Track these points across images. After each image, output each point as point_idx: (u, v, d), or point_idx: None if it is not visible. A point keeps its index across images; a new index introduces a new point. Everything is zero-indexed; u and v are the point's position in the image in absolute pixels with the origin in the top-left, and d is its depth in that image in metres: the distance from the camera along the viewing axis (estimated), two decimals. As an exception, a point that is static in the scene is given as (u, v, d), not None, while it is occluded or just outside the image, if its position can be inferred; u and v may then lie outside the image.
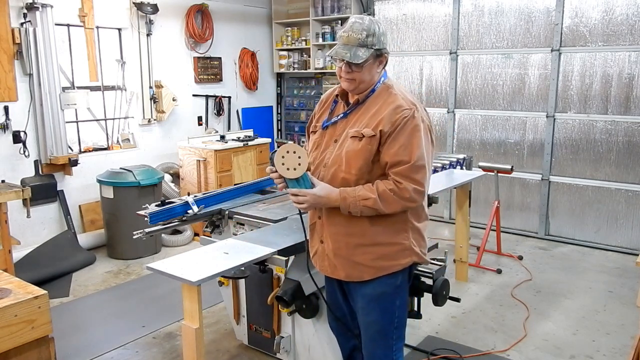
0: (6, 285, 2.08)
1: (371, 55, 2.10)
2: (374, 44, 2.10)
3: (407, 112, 2.07)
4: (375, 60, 2.14)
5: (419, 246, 2.25)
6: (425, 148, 2.10)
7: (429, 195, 3.60)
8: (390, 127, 2.06)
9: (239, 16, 6.97)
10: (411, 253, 2.21)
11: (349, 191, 2.09)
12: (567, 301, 4.21)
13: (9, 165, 4.88)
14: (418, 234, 2.24)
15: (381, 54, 2.14)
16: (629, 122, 5.18)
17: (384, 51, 2.15)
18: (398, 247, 2.18)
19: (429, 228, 2.36)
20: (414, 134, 2.06)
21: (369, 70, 2.13)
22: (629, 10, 5.03)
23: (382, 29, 2.14)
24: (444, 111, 6.34)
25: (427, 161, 2.11)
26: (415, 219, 2.22)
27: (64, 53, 5.34)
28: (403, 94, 2.15)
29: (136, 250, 5.14)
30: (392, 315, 2.27)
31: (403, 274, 2.24)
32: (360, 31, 2.08)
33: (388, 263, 2.18)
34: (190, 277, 2.33)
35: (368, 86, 2.17)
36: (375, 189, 2.07)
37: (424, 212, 2.28)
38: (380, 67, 2.18)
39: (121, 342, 3.60)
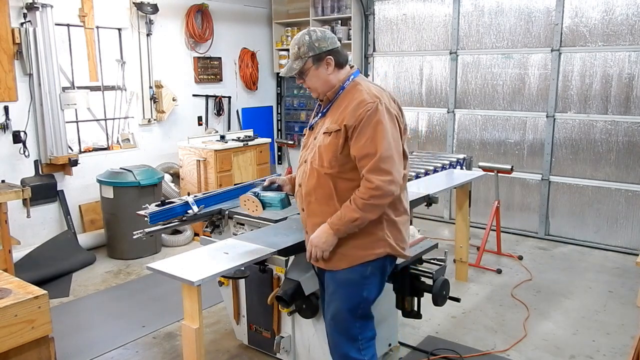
0: (6, 285, 2.08)
1: (307, 63, 2.29)
2: (306, 53, 2.29)
3: (370, 105, 2.17)
4: (319, 65, 2.30)
5: (395, 239, 2.31)
6: (393, 137, 2.18)
7: (429, 195, 3.63)
8: (355, 121, 2.17)
9: (239, 16, 6.96)
10: (385, 244, 2.28)
11: (336, 221, 2.22)
12: (567, 301, 4.21)
13: (9, 165, 4.88)
14: (394, 227, 2.31)
15: (322, 57, 2.29)
16: (629, 122, 5.18)
17: (324, 54, 2.29)
18: (372, 237, 2.26)
19: (429, 228, 2.38)
20: (378, 126, 2.15)
21: (316, 77, 2.32)
22: (629, 10, 5.03)
23: (317, 35, 2.30)
24: (444, 111, 6.34)
25: (396, 149, 2.19)
26: (392, 212, 2.30)
27: (64, 53, 5.34)
28: (368, 89, 2.25)
29: (136, 250, 5.14)
30: (355, 304, 2.33)
31: (374, 265, 2.30)
32: (293, 46, 2.34)
33: (363, 252, 2.27)
34: (190, 277, 2.33)
35: (330, 88, 2.33)
36: (356, 206, 2.18)
37: (401, 206, 2.34)
38: (330, 68, 2.30)
39: (121, 342, 3.60)
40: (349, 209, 2.19)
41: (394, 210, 2.30)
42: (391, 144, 2.16)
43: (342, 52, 2.36)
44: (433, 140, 6.48)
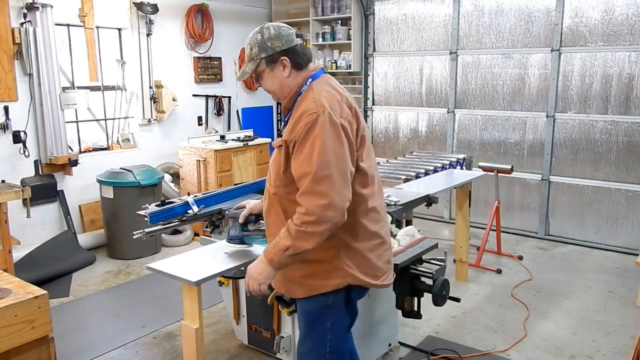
0: (6, 285, 2.08)
1: (260, 65, 2.05)
2: (258, 54, 2.05)
3: (310, 117, 1.88)
4: (273, 67, 2.05)
5: (358, 267, 2.02)
6: (335, 153, 1.86)
7: (429, 195, 3.62)
8: (294, 135, 1.91)
9: (239, 16, 6.96)
10: (344, 275, 2.01)
11: (270, 249, 1.97)
12: (567, 301, 4.21)
13: (9, 165, 4.88)
14: (356, 254, 2.02)
15: (275, 58, 2.04)
16: (629, 122, 5.19)
17: (278, 55, 2.03)
18: (328, 266, 2.01)
19: (429, 228, 2.34)
20: (315, 141, 1.85)
21: (271, 79, 2.07)
22: (629, 10, 5.03)
23: (270, 34, 2.04)
24: (444, 111, 6.34)
25: (338, 168, 1.86)
26: (351, 238, 2.01)
27: (64, 53, 5.34)
28: (319, 95, 1.96)
29: (136, 250, 5.14)
30: (322, 336, 2.10)
31: (336, 295, 2.05)
32: (247, 46, 2.10)
33: (319, 282, 2.02)
34: (190, 277, 2.34)
35: (288, 92, 2.07)
36: (288, 233, 1.90)
37: (364, 230, 2.03)
38: (287, 70, 2.04)
39: (121, 342, 3.60)
40: (281, 236, 1.92)
41: (352, 235, 2.01)
42: (330, 162, 1.84)
43: (302, 51, 2.08)
44: (433, 140, 6.48)
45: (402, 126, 6.74)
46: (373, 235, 2.06)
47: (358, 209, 2.00)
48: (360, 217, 2.01)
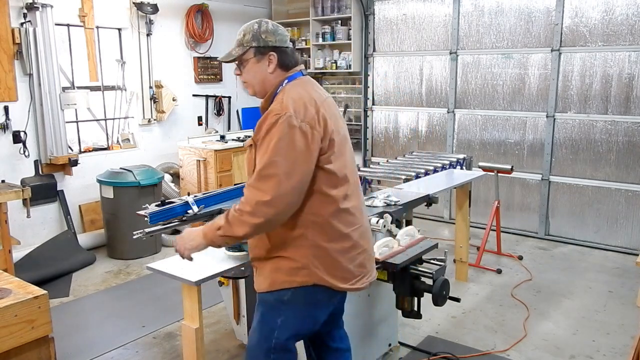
0: (6, 285, 2.08)
1: (248, 53, 2.07)
2: (249, 41, 2.06)
3: (273, 118, 1.92)
4: (260, 59, 2.07)
5: (325, 269, 2.01)
6: (285, 155, 1.87)
7: (429, 195, 3.62)
8: (259, 135, 1.95)
9: (239, 16, 6.96)
10: (310, 274, 2.00)
11: (209, 224, 2.03)
12: (567, 301, 4.21)
13: (9, 165, 4.88)
14: (326, 255, 2.01)
15: (264, 51, 2.05)
16: (629, 122, 5.18)
17: (268, 49, 2.05)
18: (295, 264, 2.00)
19: (429, 228, 2.33)
20: (271, 141, 1.89)
21: (254, 71, 2.09)
22: (629, 10, 5.03)
23: (267, 27, 2.07)
24: (444, 111, 6.34)
25: (286, 171, 1.87)
26: (322, 239, 2.00)
27: (64, 53, 5.34)
28: (288, 97, 1.98)
29: (136, 250, 5.14)
30: (269, 331, 2.08)
31: (295, 293, 2.02)
32: (239, 32, 2.12)
33: (283, 277, 2.02)
34: (190, 277, 2.34)
35: (263, 89, 2.11)
36: (226, 214, 1.96)
37: (335, 232, 2.01)
38: (272, 66, 2.07)
39: (121, 342, 3.60)
40: (220, 216, 1.99)
41: (322, 236, 1.99)
42: (278, 162, 1.86)
43: (291, 54, 2.11)
44: (433, 140, 6.48)
45: (402, 126, 6.74)
46: (344, 238, 2.04)
47: (326, 209, 2.00)
48: (329, 218, 2.00)
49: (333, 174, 2.00)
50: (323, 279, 2.01)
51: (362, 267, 2.12)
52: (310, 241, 2.00)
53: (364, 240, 2.13)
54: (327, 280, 2.02)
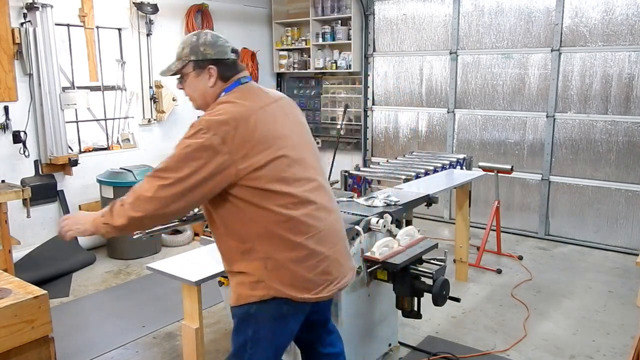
0: (6, 285, 2.08)
1: (187, 67, 2.05)
2: (188, 55, 2.04)
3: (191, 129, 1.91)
4: (200, 73, 2.04)
5: (281, 280, 1.94)
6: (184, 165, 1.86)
7: (429, 195, 3.62)
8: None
9: (239, 16, 6.96)
10: (267, 287, 1.94)
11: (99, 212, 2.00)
12: (567, 301, 4.21)
13: (9, 165, 4.88)
14: (279, 266, 1.94)
15: (203, 65, 2.02)
16: (629, 122, 5.19)
17: (207, 62, 2.02)
18: (253, 278, 1.96)
19: (429, 228, 2.32)
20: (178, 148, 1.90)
21: (194, 85, 2.06)
22: (629, 10, 5.04)
23: (207, 39, 2.03)
24: (444, 111, 6.34)
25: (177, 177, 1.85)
26: (272, 250, 1.93)
27: (64, 53, 5.34)
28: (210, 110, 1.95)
29: (136, 250, 5.14)
30: (243, 343, 2.05)
31: (260, 306, 1.98)
32: (179, 45, 2.09)
33: (246, 292, 1.98)
34: (190, 277, 2.34)
35: (205, 103, 2.07)
36: (112, 203, 1.95)
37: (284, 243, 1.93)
38: (212, 79, 2.03)
39: (121, 342, 3.60)
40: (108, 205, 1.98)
41: (272, 247, 1.93)
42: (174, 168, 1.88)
43: (233, 65, 2.06)
44: (433, 140, 6.48)
45: (402, 126, 6.74)
46: (296, 247, 1.94)
47: (268, 220, 1.93)
48: (274, 229, 1.93)
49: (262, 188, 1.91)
50: (281, 291, 1.94)
51: (326, 275, 2.00)
52: (260, 254, 1.94)
53: (325, 246, 2.00)
54: (286, 292, 1.94)
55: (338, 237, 2.10)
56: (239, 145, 1.88)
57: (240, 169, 1.88)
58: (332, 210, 2.11)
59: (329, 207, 2.09)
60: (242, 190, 1.91)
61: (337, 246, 2.07)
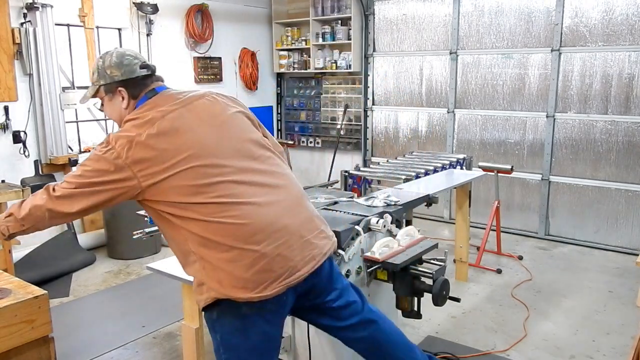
0: (6, 285, 2.08)
1: (99, 92, 2.07)
2: (98, 80, 2.06)
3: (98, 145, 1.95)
4: (111, 97, 2.06)
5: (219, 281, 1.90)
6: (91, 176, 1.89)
7: (429, 195, 3.62)
8: None
9: (239, 16, 6.96)
10: (209, 289, 1.92)
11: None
12: (567, 301, 4.21)
13: (9, 165, 4.88)
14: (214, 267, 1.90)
15: (113, 88, 2.04)
16: (629, 122, 5.19)
17: (115, 84, 2.03)
18: (197, 281, 1.96)
19: (429, 228, 2.31)
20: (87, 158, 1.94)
21: (110, 108, 2.09)
22: (629, 10, 5.04)
23: (112, 61, 2.03)
24: (444, 111, 6.34)
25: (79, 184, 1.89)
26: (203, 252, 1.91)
27: (64, 53, 5.34)
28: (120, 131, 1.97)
29: (136, 250, 5.14)
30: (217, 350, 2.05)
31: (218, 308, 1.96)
32: (90, 70, 2.14)
33: (197, 296, 1.99)
34: (190, 277, 2.33)
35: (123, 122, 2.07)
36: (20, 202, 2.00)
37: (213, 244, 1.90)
38: (125, 101, 2.04)
39: (121, 342, 3.60)
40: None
41: (201, 248, 1.91)
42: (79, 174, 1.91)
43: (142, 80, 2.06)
44: (433, 140, 6.48)
45: (402, 126, 6.74)
46: (229, 249, 1.89)
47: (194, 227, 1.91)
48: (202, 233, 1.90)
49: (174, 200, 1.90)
50: (222, 292, 1.90)
51: (267, 272, 1.91)
52: (196, 256, 1.93)
53: (260, 244, 1.91)
54: (227, 294, 1.90)
55: (282, 231, 1.97)
56: (137, 163, 1.87)
57: (144, 185, 1.89)
58: (272, 203, 1.99)
59: (269, 200, 1.99)
60: (159, 204, 1.93)
61: (280, 241, 1.95)
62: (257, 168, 2.03)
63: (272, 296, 1.93)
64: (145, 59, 2.12)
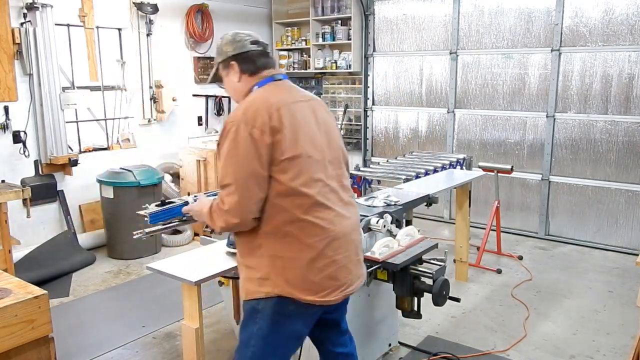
0: (6, 285, 2.08)
1: (219, 70, 2.19)
2: (217, 59, 2.19)
3: (227, 126, 1.97)
4: (227, 72, 2.16)
5: (287, 280, 1.96)
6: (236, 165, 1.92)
7: (429, 195, 3.62)
8: (218, 143, 2.03)
9: (239, 16, 6.96)
10: (272, 284, 1.97)
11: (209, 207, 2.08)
12: (567, 301, 4.21)
13: (9, 165, 4.88)
14: (287, 266, 1.96)
15: (227, 63, 2.15)
16: (629, 122, 5.18)
17: (229, 60, 2.13)
18: (260, 274, 2.00)
19: (429, 228, 2.31)
20: (224, 151, 1.96)
21: (226, 84, 2.20)
22: (629, 10, 5.04)
23: (227, 39, 2.16)
24: (444, 111, 6.34)
25: (236, 178, 1.92)
26: (279, 250, 1.97)
27: (64, 53, 5.33)
28: (245, 104, 2.00)
29: (136, 250, 5.14)
30: (246, 337, 2.08)
31: (267, 302, 2.01)
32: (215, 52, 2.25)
33: (253, 288, 2.03)
34: (190, 277, 2.34)
35: (240, 97, 2.15)
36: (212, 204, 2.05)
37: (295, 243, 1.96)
38: (236, 74, 2.13)
39: (121, 342, 3.60)
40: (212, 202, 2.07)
41: (278, 245, 1.97)
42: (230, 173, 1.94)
43: (252, 58, 2.11)
44: (433, 140, 6.48)
45: (402, 126, 6.74)
46: (307, 248, 1.97)
47: (280, 218, 1.96)
48: (285, 228, 1.96)
49: (283, 184, 1.95)
50: (287, 290, 1.97)
51: (333, 280, 2.01)
52: (268, 251, 1.98)
53: (335, 251, 2.01)
54: (291, 292, 1.97)
55: (350, 245, 2.10)
56: (273, 135, 1.93)
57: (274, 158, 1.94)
58: (348, 218, 2.11)
59: (345, 214, 2.10)
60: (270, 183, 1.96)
61: (347, 252, 2.08)
62: (341, 181, 2.16)
63: (332, 303, 2.04)
64: (258, 37, 2.20)
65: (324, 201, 2.01)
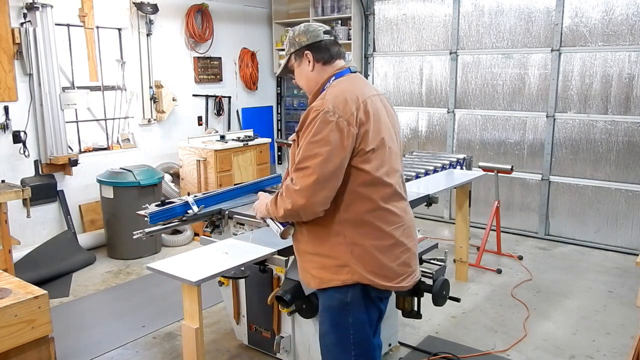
0: (6, 285, 2.08)
1: (290, 60, 2.22)
2: (289, 49, 2.21)
3: (313, 113, 1.98)
4: (300, 62, 2.18)
5: (365, 267, 2.02)
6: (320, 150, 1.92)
7: (429, 195, 3.62)
8: (301, 129, 2.03)
9: (239, 16, 6.96)
10: (351, 271, 2.02)
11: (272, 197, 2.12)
12: (567, 301, 4.21)
13: (9, 165, 4.88)
14: (365, 253, 2.02)
15: (300, 53, 2.17)
16: (629, 122, 5.19)
17: (303, 49, 2.16)
18: (336, 262, 2.03)
19: (429, 228, 2.33)
20: (308, 136, 1.96)
21: (299, 74, 2.22)
22: (629, 10, 5.04)
23: (300, 30, 2.20)
24: (444, 111, 6.34)
25: (318, 164, 1.92)
26: (360, 237, 2.02)
27: (64, 53, 5.34)
28: (330, 93, 2.02)
29: (136, 250, 5.14)
30: (346, 331, 2.12)
31: (354, 291, 2.06)
32: (284, 45, 2.28)
33: (329, 276, 2.06)
34: (190, 277, 2.34)
35: (313, 86, 2.18)
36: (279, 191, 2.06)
37: (374, 231, 2.03)
38: (310, 64, 2.16)
39: (121, 342, 3.60)
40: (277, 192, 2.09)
41: (360, 234, 2.02)
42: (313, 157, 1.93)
43: (327, 47, 2.15)
44: (433, 140, 6.48)
45: (402, 126, 6.74)
46: (384, 236, 2.05)
47: (363, 207, 2.02)
48: (367, 217, 2.02)
49: (369, 173, 2.01)
50: (365, 277, 2.03)
51: (406, 266, 2.12)
52: (348, 239, 2.02)
53: (408, 239, 2.13)
54: (370, 279, 2.03)
55: (415, 233, 2.23)
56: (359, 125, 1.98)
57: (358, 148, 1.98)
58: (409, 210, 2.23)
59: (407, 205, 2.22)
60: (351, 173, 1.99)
61: (414, 241, 2.21)
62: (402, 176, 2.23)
63: (405, 289, 2.15)
64: (328, 27, 2.24)
65: (400, 191, 2.14)
